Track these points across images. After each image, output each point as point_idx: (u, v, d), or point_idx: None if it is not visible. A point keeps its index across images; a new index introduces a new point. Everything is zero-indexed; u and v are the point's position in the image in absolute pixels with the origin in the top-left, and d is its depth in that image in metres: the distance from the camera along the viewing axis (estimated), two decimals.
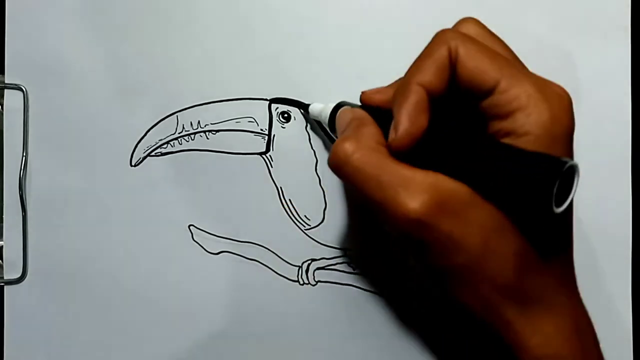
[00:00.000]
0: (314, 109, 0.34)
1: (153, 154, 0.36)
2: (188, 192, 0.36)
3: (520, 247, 0.24)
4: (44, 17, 0.35)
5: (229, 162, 0.35)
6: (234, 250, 0.36)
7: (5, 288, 0.35)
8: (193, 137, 0.35)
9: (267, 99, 0.35)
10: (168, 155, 0.36)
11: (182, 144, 0.35)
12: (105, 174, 0.35)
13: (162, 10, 0.35)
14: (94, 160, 0.35)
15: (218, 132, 0.35)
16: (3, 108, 0.35)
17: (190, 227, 0.36)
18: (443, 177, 0.23)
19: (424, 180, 0.23)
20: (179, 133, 0.35)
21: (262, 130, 0.35)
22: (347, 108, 0.30)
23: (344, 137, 0.25)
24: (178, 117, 0.35)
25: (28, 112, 0.35)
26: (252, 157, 0.35)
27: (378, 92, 0.29)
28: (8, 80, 0.35)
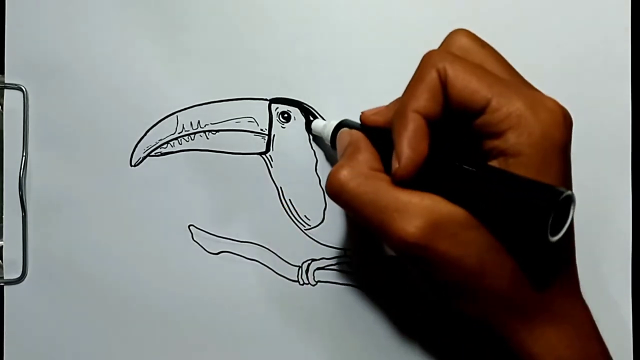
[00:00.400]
0: (316, 126, 0.34)
1: (153, 154, 0.36)
2: (188, 192, 0.36)
3: (519, 264, 0.24)
4: (44, 17, 0.35)
5: (229, 162, 0.35)
6: (234, 250, 0.36)
7: (5, 288, 0.35)
8: (193, 137, 0.35)
9: (267, 99, 0.35)
10: (168, 155, 0.36)
11: (182, 144, 0.35)
12: (105, 174, 0.35)
13: (162, 10, 0.35)
14: (94, 160, 0.35)
15: (218, 132, 0.35)
16: (3, 108, 0.35)
17: (190, 227, 0.36)
18: (439, 199, 0.24)
19: (420, 204, 0.24)
20: (179, 133, 0.35)
21: (262, 130, 0.35)
22: (345, 130, 0.30)
23: (339, 165, 0.26)
24: (178, 117, 0.35)
25: (28, 112, 0.35)
26: (252, 157, 0.35)
27: (376, 113, 0.29)
28: (8, 80, 0.35)
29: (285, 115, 0.35)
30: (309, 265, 0.35)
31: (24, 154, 0.35)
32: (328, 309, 0.35)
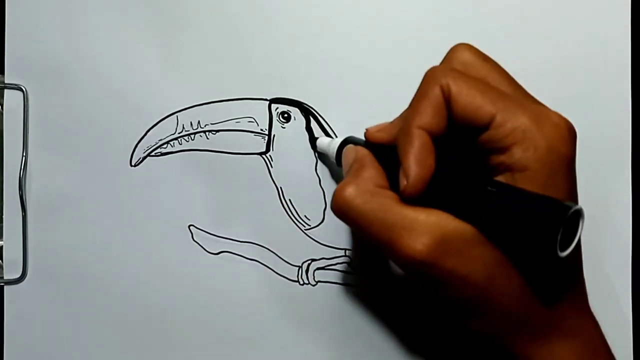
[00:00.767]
0: (321, 143, 0.34)
1: (153, 154, 0.36)
2: (188, 192, 0.36)
3: (527, 280, 0.24)
4: (44, 17, 0.35)
5: (229, 162, 0.35)
6: (234, 250, 0.36)
7: (5, 288, 0.35)
8: (193, 137, 0.35)
9: (267, 99, 0.35)
10: (168, 155, 0.36)
11: (182, 144, 0.35)
12: (105, 174, 0.35)
13: (162, 11, 0.35)
14: (94, 160, 0.35)
15: (218, 132, 0.35)
16: (3, 108, 0.35)
17: (190, 227, 0.36)
18: (446, 216, 0.24)
19: (427, 221, 0.23)
20: (179, 133, 0.35)
21: (262, 130, 0.35)
22: (350, 147, 0.30)
23: (345, 182, 0.26)
24: (178, 117, 0.35)
25: (28, 112, 0.35)
26: (252, 157, 0.35)
27: (380, 130, 0.29)
28: (8, 80, 0.35)
29: (285, 116, 0.35)
30: (309, 265, 0.35)
31: (24, 154, 0.35)
32: (328, 309, 0.35)
